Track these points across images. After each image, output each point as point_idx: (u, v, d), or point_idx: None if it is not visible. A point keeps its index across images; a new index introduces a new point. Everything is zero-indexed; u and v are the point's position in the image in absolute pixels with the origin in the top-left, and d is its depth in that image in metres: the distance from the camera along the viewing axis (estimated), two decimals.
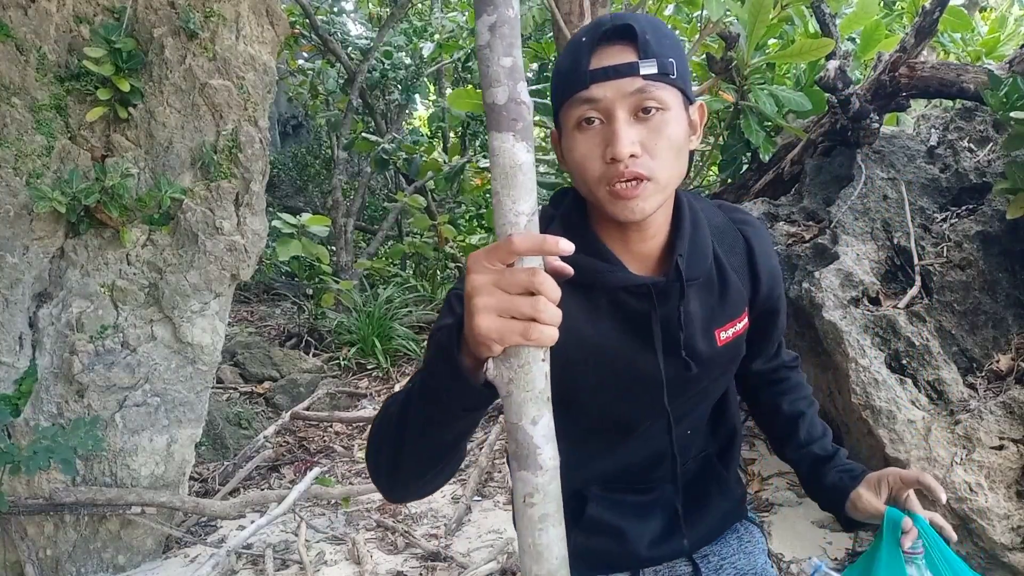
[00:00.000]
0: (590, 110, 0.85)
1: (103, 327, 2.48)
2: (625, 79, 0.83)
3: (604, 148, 0.84)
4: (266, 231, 2.77)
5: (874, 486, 1.01)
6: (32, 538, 2.44)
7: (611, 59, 0.84)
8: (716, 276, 1.00)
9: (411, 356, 4.89)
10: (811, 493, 1.13)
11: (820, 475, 1.09)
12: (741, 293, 1.02)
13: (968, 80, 2.49)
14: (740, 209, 1.11)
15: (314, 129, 9.19)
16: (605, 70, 0.83)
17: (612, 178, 0.84)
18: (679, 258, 0.93)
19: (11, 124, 2.32)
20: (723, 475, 1.15)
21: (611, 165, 0.84)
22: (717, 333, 1.00)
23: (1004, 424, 1.92)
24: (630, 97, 0.83)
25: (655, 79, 0.83)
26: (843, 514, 1.05)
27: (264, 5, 2.70)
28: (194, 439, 2.69)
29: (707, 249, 0.98)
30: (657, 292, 0.95)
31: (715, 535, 1.17)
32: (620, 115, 0.83)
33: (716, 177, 4.18)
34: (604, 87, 0.83)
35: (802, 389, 1.19)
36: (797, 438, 1.14)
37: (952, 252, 2.36)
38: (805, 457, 1.12)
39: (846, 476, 1.05)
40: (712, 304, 1.00)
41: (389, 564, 2.55)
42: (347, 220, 5.96)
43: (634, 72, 0.83)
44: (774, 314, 1.10)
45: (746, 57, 2.82)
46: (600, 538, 1.09)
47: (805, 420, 1.15)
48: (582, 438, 1.01)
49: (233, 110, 2.60)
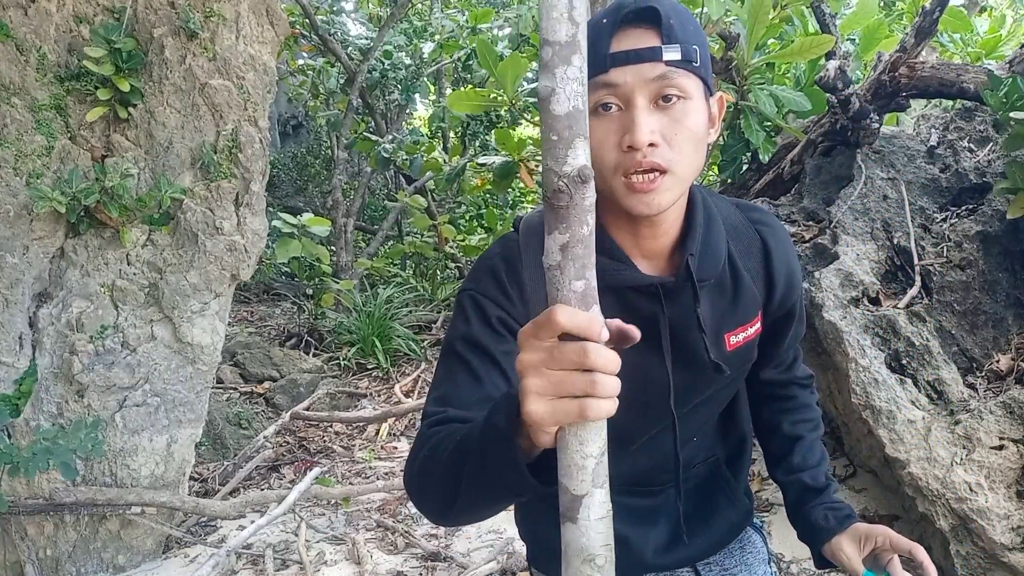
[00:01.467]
0: (608, 95, 0.80)
1: (103, 327, 2.48)
2: (647, 64, 0.79)
3: (621, 136, 0.80)
4: (266, 231, 2.77)
5: (859, 539, 0.97)
6: (32, 538, 2.44)
7: (633, 43, 0.79)
8: (729, 277, 0.95)
9: (411, 356, 4.89)
10: (792, 521, 1.10)
11: (805, 506, 1.06)
12: (755, 296, 0.97)
13: (968, 80, 2.49)
14: (758, 208, 1.05)
15: (314, 129, 9.19)
16: (627, 54, 0.79)
17: (629, 168, 0.80)
18: (690, 257, 0.89)
19: (11, 124, 2.32)
20: (732, 483, 1.11)
21: (628, 154, 0.80)
22: (727, 337, 0.96)
23: (1004, 424, 1.92)
24: (651, 83, 0.79)
25: (678, 66, 0.79)
26: (818, 552, 1.03)
27: (264, 5, 2.70)
28: (194, 439, 2.69)
29: (720, 249, 0.93)
30: (666, 292, 0.90)
31: (723, 544, 1.13)
32: (640, 102, 0.79)
33: (716, 177, 4.18)
34: (624, 71, 0.79)
35: (808, 411, 1.13)
36: (790, 461, 1.10)
37: (952, 252, 2.36)
38: (794, 483, 1.08)
39: (832, 516, 1.01)
40: (723, 307, 0.95)
41: (389, 564, 2.55)
42: (347, 220, 5.96)
43: (657, 57, 0.79)
44: (789, 319, 1.05)
45: (746, 57, 2.81)
46: None
47: (803, 444, 1.10)
48: None
49: (233, 110, 2.60)
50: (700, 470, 1.09)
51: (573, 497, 0.64)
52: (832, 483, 1.08)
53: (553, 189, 0.57)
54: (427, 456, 0.80)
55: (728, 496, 1.11)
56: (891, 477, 2.24)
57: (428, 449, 0.80)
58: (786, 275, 1.00)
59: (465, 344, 0.89)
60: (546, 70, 0.56)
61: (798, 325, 1.08)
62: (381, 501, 3.02)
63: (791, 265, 1.01)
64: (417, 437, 0.85)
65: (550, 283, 0.60)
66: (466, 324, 0.89)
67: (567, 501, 0.64)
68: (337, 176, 6.28)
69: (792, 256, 1.02)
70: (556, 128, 0.57)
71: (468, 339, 0.88)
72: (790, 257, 1.01)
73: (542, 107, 0.57)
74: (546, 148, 0.57)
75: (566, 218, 0.58)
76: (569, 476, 0.63)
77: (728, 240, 0.96)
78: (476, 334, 0.88)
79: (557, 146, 0.57)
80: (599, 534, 0.65)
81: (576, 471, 0.63)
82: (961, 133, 2.75)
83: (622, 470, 1.04)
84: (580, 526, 0.64)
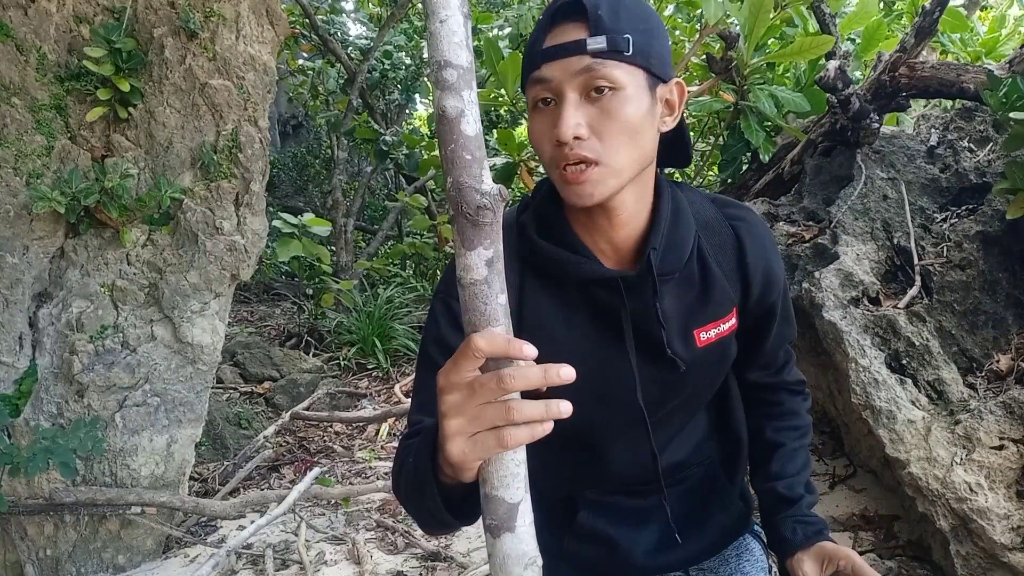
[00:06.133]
0: (543, 91, 0.82)
1: (103, 327, 2.48)
2: (572, 57, 0.80)
3: (553, 130, 0.82)
4: (266, 231, 2.76)
5: (822, 559, 0.95)
6: (32, 538, 2.44)
7: (561, 37, 0.81)
8: (698, 273, 0.94)
9: (411, 356, 4.89)
10: (763, 529, 1.08)
11: (776, 516, 1.03)
12: (727, 293, 0.96)
13: (968, 80, 2.49)
14: (737, 204, 1.03)
15: (314, 129, 9.19)
16: (556, 48, 0.80)
17: (559, 161, 0.82)
18: (652, 252, 0.89)
19: (11, 124, 2.32)
20: (726, 486, 1.10)
21: (558, 147, 0.81)
22: (697, 333, 0.94)
23: (1004, 424, 1.92)
24: (577, 76, 0.80)
25: (606, 57, 0.79)
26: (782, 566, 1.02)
27: (264, 5, 2.70)
28: (194, 439, 2.69)
29: (686, 243, 0.92)
30: (627, 286, 0.90)
31: (716, 549, 1.12)
32: (569, 96, 0.80)
33: (716, 177, 4.19)
34: (552, 67, 0.81)
35: (794, 418, 1.10)
36: (768, 469, 1.07)
37: (952, 252, 2.36)
38: (768, 492, 1.06)
39: (800, 530, 0.99)
40: (691, 302, 0.94)
41: (389, 564, 2.55)
42: (347, 220, 5.96)
43: (581, 50, 0.79)
44: (770, 318, 1.02)
45: (746, 57, 2.82)
46: (591, 546, 1.05)
47: (782, 452, 1.07)
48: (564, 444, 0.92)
49: (233, 110, 2.60)
50: (695, 471, 1.08)
51: (509, 507, 0.64)
52: (807, 496, 1.04)
53: (476, 206, 0.58)
54: (397, 471, 0.84)
55: (722, 499, 1.10)
56: (891, 477, 2.24)
57: (398, 464, 0.84)
58: (763, 272, 0.98)
59: (436, 346, 0.91)
60: (452, 91, 0.57)
61: (783, 325, 1.05)
62: (381, 501, 3.02)
63: (769, 262, 0.99)
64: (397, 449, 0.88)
65: (476, 299, 0.60)
66: (436, 327, 0.92)
67: (503, 512, 0.65)
68: (337, 176, 6.28)
69: (771, 253, 1.00)
70: (469, 148, 0.58)
71: (439, 341, 0.91)
72: (768, 253, 0.99)
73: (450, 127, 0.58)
74: (459, 167, 0.58)
75: (490, 234, 0.59)
76: (505, 486, 0.64)
77: (700, 236, 0.95)
78: (445, 336, 0.90)
79: (472, 165, 0.58)
80: (532, 537, 0.66)
81: (511, 479, 0.64)
82: (961, 133, 2.75)
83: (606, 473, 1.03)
84: (518, 534, 0.64)
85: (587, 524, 1.05)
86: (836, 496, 2.58)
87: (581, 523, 1.04)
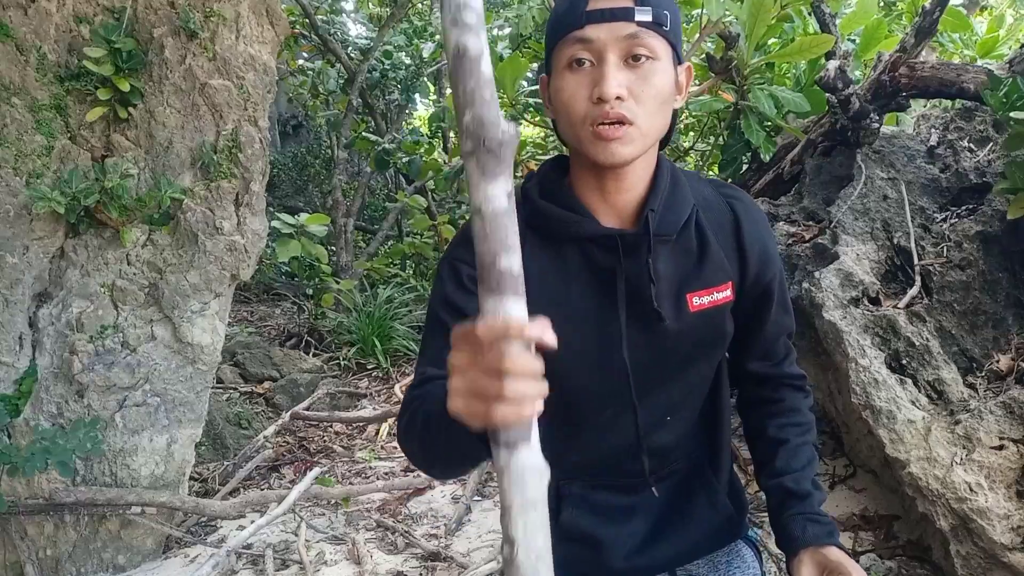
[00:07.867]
0: (582, 50, 0.86)
1: (103, 327, 2.48)
2: (620, 23, 0.85)
3: (592, 88, 0.86)
4: (266, 231, 2.77)
5: (824, 567, 0.94)
6: (32, 538, 2.44)
7: (609, 2, 0.86)
8: (695, 240, 0.97)
9: (411, 356, 4.89)
10: (772, 528, 1.06)
11: (785, 513, 1.01)
12: (723, 264, 0.98)
13: (968, 80, 2.49)
14: (732, 186, 1.07)
15: (314, 129, 9.18)
16: (602, 11, 0.85)
17: (597, 118, 0.86)
18: (650, 213, 0.93)
19: (11, 124, 2.32)
20: (713, 485, 1.09)
21: (597, 105, 0.86)
22: (690, 297, 0.96)
23: (1004, 424, 1.92)
24: (623, 41, 0.85)
25: (649, 27, 0.85)
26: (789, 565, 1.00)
27: (264, 5, 2.70)
28: (194, 439, 2.69)
29: (683, 208, 0.96)
30: (625, 246, 0.93)
31: (703, 550, 1.10)
32: (611, 58, 0.85)
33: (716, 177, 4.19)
34: (599, 28, 0.85)
35: (796, 415, 1.09)
36: (773, 466, 1.05)
37: (952, 252, 2.36)
38: (775, 488, 1.04)
39: (811, 528, 0.98)
40: (687, 267, 0.96)
41: (389, 564, 2.55)
42: (347, 220, 5.95)
43: (629, 17, 0.85)
44: (767, 299, 1.03)
45: (746, 57, 2.81)
46: (574, 545, 1.04)
47: (787, 448, 1.05)
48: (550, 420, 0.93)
49: (233, 110, 2.60)
50: (680, 467, 1.08)
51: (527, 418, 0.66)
52: (817, 492, 1.03)
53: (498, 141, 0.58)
54: (408, 421, 0.88)
55: (708, 497, 1.09)
56: (891, 477, 2.24)
57: (408, 414, 0.88)
58: (759, 250, 1.00)
59: (443, 306, 0.95)
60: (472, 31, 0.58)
61: (781, 313, 1.06)
62: (381, 501, 3.02)
63: (764, 241, 1.02)
64: (403, 400, 0.92)
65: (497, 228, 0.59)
66: (443, 287, 0.96)
67: None
68: (337, 176, 6.28)
69: (766, 233, 1.03)
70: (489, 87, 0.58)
71: (445, 301, 0.95)
72: (763, 233, 1.02)
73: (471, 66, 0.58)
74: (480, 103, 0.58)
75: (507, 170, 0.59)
76: None
77: (698, 209, 0.98)
78: (451, 296, 0.94)
79: (491, 104, 0.59)
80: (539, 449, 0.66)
81: None
82: (961, 133, 2.75)
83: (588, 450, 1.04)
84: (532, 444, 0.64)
85: (571, 521, 1.05)
86: (836, 496, 2.58)
87: (565, 520, 1.05)
